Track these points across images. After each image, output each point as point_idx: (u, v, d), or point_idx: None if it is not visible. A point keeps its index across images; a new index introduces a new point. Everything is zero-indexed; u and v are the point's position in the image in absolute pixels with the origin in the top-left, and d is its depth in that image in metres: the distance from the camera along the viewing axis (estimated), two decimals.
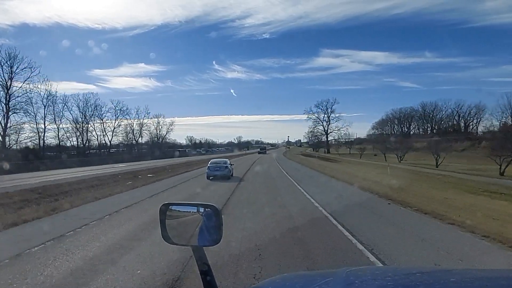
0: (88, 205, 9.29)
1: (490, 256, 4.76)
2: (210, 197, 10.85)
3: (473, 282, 0.91)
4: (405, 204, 8.93)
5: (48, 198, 10.20)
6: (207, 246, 1.17)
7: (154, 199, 10.42)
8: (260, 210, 8.49)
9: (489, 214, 7.92)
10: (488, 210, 8.70)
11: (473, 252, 4.95)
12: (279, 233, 5.77)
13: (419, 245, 5.19)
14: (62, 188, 12.10)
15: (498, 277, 0.98)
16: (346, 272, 0.99)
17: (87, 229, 6.22)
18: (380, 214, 8.00)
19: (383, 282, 0.92)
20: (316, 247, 5.02)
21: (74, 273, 3.92)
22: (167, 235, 1.20)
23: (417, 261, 4.47)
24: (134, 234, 5.82)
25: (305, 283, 0.99)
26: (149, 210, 8.09)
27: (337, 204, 9.08)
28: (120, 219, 7.22)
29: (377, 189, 12.05)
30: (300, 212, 8.07)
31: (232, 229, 5.88)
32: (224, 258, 4.38)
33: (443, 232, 6.11)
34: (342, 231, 6.02)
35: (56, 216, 7.69)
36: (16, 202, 9.19)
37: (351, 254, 4.74)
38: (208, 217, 1.18)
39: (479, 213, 7.88)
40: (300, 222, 6.83)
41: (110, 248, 4.94)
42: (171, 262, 4.25)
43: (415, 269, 1.19)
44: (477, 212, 7.94)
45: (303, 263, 4.30)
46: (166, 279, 3.76)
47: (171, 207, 1.25)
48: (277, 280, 1.09)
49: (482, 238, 5.51)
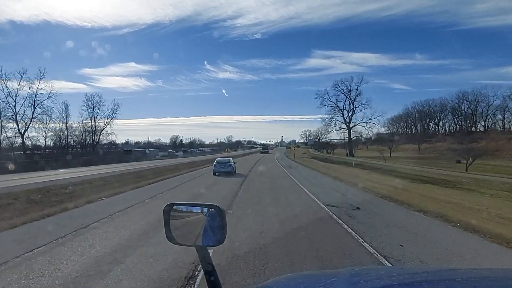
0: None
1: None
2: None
3: (479, 281, 0.91)
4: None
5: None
6: (211, 246, 1.18)
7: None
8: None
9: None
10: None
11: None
12: None
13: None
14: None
15: (504, 277, 0.97)
16: (351, 272, 1.00)
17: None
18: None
19: (388, 282, 0.91)
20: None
21: None
22: (171, 236, 1.20)
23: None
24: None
25: (310, 283, 0.99)
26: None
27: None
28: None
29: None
30: None
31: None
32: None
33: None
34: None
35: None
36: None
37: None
38: (212, 217, 1.19)
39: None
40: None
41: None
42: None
43: (420, 269, 1.16)
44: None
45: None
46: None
47: (175, 207, 1.25)
48: (281, 280, 1.09)
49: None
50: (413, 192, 12.55)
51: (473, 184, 17.22)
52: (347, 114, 66.24)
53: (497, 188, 15.52)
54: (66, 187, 12.97)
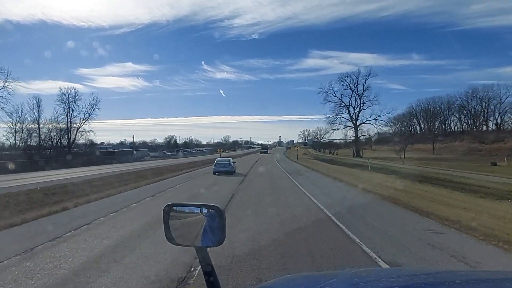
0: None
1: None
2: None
3: (478, 284, 0.90)
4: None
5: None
6: (210, 246, 1.18)
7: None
8: None
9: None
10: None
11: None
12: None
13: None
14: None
15: (503, 279, 0.97)
16: (350, 273, 1.00)
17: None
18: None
19: (387, 284, 0.91)
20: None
21: None
22: (170, 236, 1.20)
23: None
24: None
25: (309, 284, 0.99)
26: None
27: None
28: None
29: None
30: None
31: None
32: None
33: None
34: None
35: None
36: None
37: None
38: (211, 217, 1.19)
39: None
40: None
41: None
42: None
43: (419, 271, 1.17)
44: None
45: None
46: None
47: (174, 208, 1.25)
48: (280, 281, 1.10)
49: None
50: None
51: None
52: (353, 110, 60.55)
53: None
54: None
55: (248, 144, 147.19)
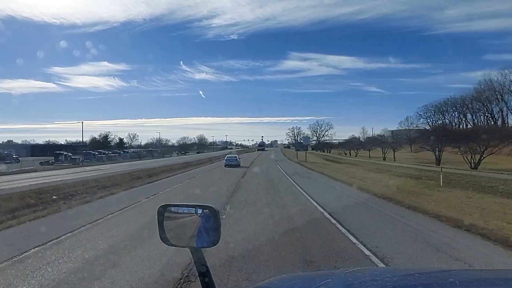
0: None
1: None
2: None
3: (472, 282, 0.90)
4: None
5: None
6: (205, 247, 1.18)
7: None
8: None
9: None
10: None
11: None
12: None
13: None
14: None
15: (497, 278, 0.97)
16: (345, 273, 0.99)
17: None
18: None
19: (382, 283, 0.91)
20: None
21: None
22: (165, 237, 1.20)
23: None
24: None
25: (304, 284, 0.99)
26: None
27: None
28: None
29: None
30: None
31: None
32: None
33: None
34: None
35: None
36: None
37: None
38: (206, 218, 1.19)
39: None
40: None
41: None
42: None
43: (414, 270, 1.17)
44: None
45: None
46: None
47: (169, 209, 1.25)
48: (276, 281, 1.09)
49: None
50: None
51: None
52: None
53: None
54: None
55: (226, 145, 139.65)
